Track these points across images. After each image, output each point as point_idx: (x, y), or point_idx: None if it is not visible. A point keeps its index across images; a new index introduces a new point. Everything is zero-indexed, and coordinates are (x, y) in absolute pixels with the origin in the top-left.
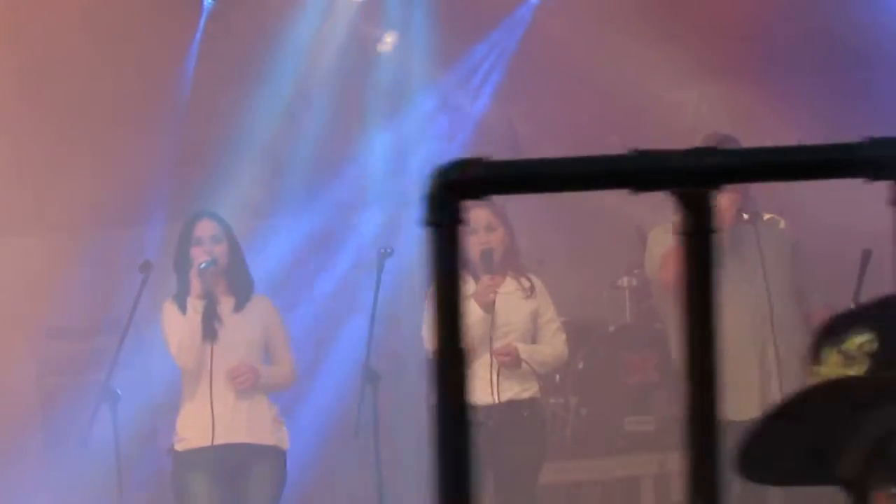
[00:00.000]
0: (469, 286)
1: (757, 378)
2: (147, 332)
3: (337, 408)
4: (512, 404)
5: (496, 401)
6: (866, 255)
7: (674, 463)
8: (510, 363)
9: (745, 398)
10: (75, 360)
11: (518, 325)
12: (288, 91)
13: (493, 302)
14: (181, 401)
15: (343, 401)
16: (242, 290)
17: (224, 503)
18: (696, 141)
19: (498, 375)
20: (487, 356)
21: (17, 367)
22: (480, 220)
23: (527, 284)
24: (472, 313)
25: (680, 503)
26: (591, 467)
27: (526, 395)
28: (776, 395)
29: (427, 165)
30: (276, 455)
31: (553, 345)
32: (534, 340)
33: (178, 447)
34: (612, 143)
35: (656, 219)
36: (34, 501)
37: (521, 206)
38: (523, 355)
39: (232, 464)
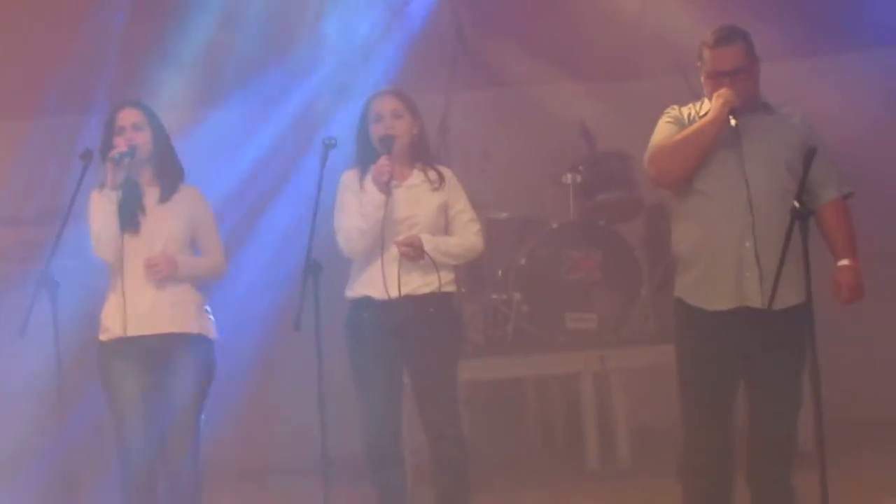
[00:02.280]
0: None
1: (734, 271)
2: (87, 221)
3: (278, 299)
4: (413, 299)
5: (398, 294)
6: (810, 153)
7: (614, 360)
8: (411, 255)
9: (720, 290)
10: (15, 248)
11: (424, 217)
12: None
13: (387, 182)
14: (106, 291)
15: (284, 292)
16: (168, 180)
17: (148, 392)
18: (643, 36)
19: (399, 268)
20: (389, 249)
21: None
22: (387, 107)
23: (434, 176)
24: (373, 198)
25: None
26: (532, 363)
27: (427, 289)
28: (749, 288)
29: (372, 53)
30: (200, 343)
31: (463, 235)
32: (446, 233)
33: (102, 337)
34: (582, 129)
35: (602, 113)
36: None
37: (466, 101)
38: (427, 247)
39: (153, 353)
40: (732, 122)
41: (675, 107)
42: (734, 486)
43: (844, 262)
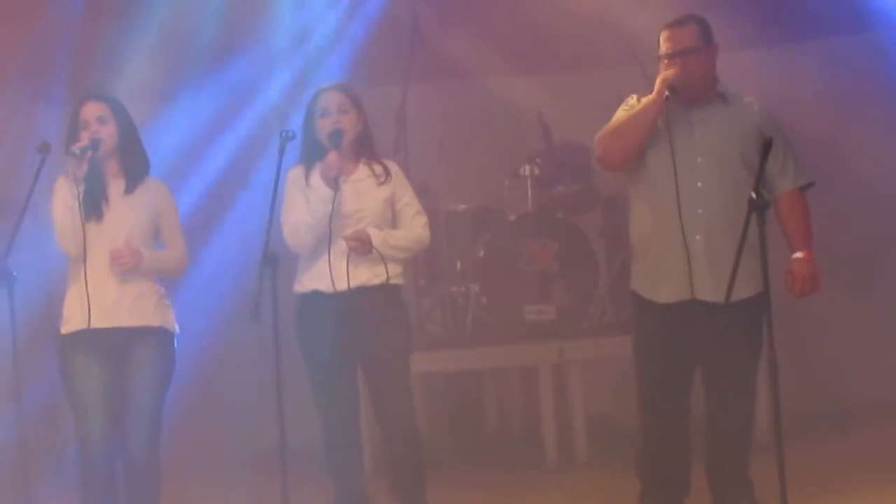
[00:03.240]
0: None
1: (682, 263)
2: (45, 214)
3: (236, 292)
4: (363, 290)
5: (347, 287)
6: (767, 144)
7: (572, 351)
8: (359, 248)
9: (668, 282)
10: None
11: (370, 210)
12: None
13: (336, 178)
14: (67, 283)
15: (243, 284)
16: (134, 173)
17: (109, 384)
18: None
19: (348, 262)
20: (338, 243)
21: None
22: (332, 101)
23: (380, 170)
24: (321, 192)
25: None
26: (490, 355)
27: (377, 280)
28: (700, 281)
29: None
30: (161, 336)
31: (411, 228)
32: (393, 226)
33: (63, 329)
34: (539, 121)
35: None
36: None
37: (420, 90)
38: (375, 241)
39: (115, 346)
40: (666, 93)
41: (634, 96)
42: (691, 478)
43: (799, 254)
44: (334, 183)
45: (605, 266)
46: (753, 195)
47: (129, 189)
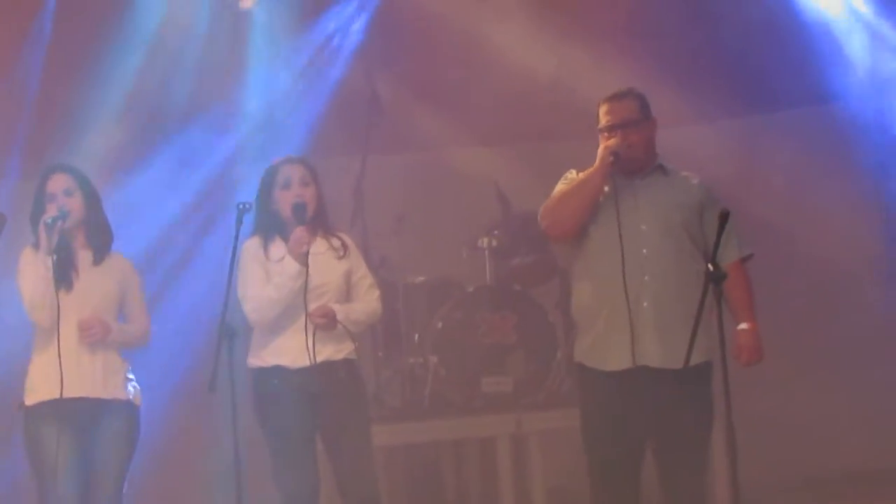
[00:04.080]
0: (280, 248)
1: (627, 330)
2: (16, 280)
3: (192, 364)
4: (328, 365)
5: (312, 362)
6: (724, 217)
7: (530, 423)
8: (326, 325)
9: (614, 350)
10: None
11: (332, 285)
12: (148, 45)
13: (307, 254)
14: (32, 353)
15: (199, 357)
16: (100, 244)
17: (76, 457)
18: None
19: (313, 337)
20: (302, 318)
21: None
22: (295, 174)
23: (338, 244)
24: (288, 268)
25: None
26: (449, 427)
27: (340, 355)
28: (647, 347)
29: (293, 123)
30: (129, 410)
31: (367, 301)
32: (348, 299)
33: (28, 400)
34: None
35: (516, 176)
36: None
37: (378, 162)
38: (339, 316)
39: (83, 418)
40: (610, 159)
41: (573, 171)
42: None
43: (744, 325)
44: (304, 258)
45: (563, 337)
46: (710, 267)
47: (97, 260)
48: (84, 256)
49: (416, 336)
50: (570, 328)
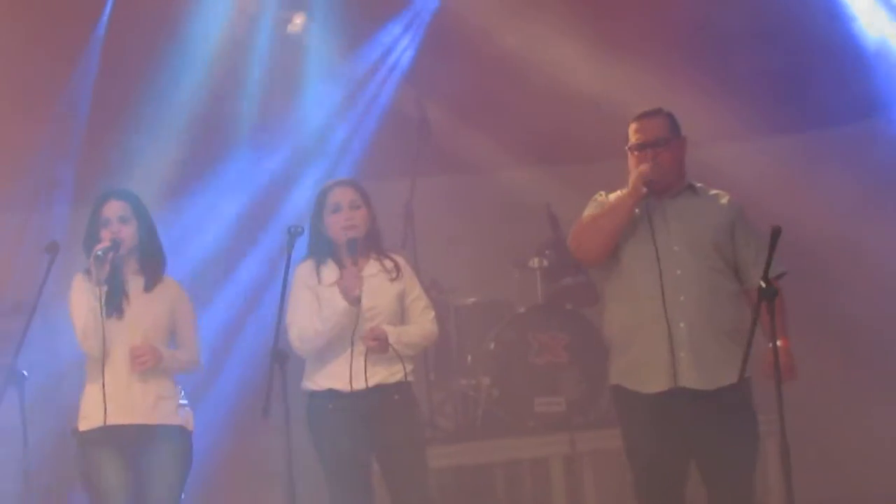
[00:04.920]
0: (333, 271)
1: (666, 351)
2: (53, 313)
3: (246, 389)
4: (382, 388)
5: (366, 386)
6: (776, 233)
7: (583, 443)
8: (378, 347)
9: (654, 371)
10: None
11: (385, 307)
12: (200, 68)
13: (359, 298)
14: (86, 380)
15: (252, 382)
16: (152, 271)
17: (128, 481)
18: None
19: (366, 361)
20: (356, 342)
21: None
22: (345, 197)
23: (390, 265)
24: (338, 303)
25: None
26: (502, 448)
27: (394, 379)
28: (685, 368)
29: (344, 145)
30: (181, 435)
31: (421, 324)
32: (402, 321)
33: (82, 426)
34: (547, 212)
35: (567, 197)
36: None
37: (428, 184)
38: (391, 339)
39: (134, 443)
40: (644, 190)
41: (603, 193)
42: None
43: (778, 343)
44: (356, 302)
45: None
46: (763, 284)
47: (149, 287)
48: (136, 283)
49: (469, 357)
50: None
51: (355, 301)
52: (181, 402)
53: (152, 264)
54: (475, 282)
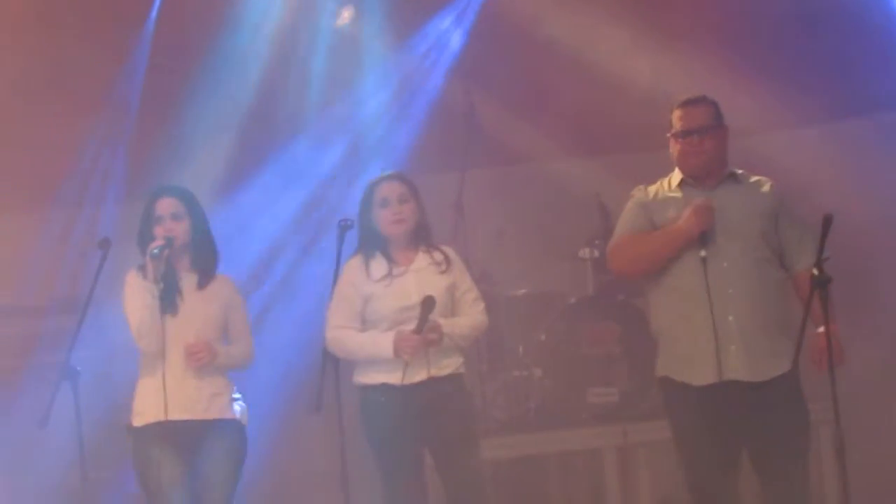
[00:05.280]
0: (381, 266)
1: (713, 344)
2: (106, 309)
3: (300, 384)
4: (434, 381)
5: (419, 379)
6: (827, 221)
7: (636, 434)
8: (434, 341)
9: (701, 365)
10: (26, 340)
11: (436, 300)
12: (251, 62)
13: (406, 362)
14: (139, 376)
15: (306, 377)
16: (205, 267)
17: (183, 476)
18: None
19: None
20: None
21: None
22: (393, 192)
23: (440, 258)
24: (384, 348)
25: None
26: (555, 439)
27: (447, 370)
28: (734, 361)
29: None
30: (235, 430)
31: (471, 315)
32: (452, 313)
33: (136, 422)
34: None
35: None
36: None
37: (477, 176)
38: (444, 330)
39: (189, 438)
40: (702, 253)
41: (642, 187)
42: None
43: (822, 328)
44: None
45: None
46: (815, 272)
47: (202, 284)
48: (189, 280)
49: (520, 349)
50: None
51: (403, 357)
52: (235, 396)
53: (205, 261)
54: (525, 273)
